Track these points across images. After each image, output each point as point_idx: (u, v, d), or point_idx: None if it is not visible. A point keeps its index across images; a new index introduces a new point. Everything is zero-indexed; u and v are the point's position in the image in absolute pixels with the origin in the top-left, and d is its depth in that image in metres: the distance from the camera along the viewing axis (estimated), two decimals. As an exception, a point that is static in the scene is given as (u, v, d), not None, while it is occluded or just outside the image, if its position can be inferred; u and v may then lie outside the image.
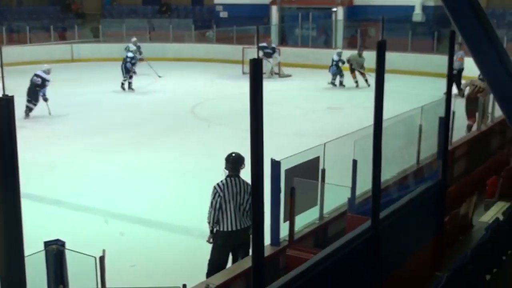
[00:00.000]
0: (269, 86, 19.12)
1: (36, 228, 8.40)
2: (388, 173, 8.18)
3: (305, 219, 6.91)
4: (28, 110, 16.00)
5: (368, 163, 5.40)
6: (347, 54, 22.22)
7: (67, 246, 4.37)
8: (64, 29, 31.01)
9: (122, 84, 20.59)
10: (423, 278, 6.40)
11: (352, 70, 21.39)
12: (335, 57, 21.43)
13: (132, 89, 20.60)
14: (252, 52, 24.15)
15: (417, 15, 27.21)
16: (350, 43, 27.72)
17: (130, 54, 20.86)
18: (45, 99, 16.26)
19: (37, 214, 9.39)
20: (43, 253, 4.27)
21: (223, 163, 6.95)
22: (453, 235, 7.46)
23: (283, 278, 4.14)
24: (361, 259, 5.15)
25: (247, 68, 23.93)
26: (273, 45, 24.17)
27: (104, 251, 4.28)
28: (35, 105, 16.17)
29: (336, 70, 21.40)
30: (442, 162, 6.74)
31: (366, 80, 20.67)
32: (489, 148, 11.91)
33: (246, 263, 5.95)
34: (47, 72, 16.44)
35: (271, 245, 6.28)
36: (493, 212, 8.54)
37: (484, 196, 9.02)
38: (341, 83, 21.50)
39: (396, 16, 25.15)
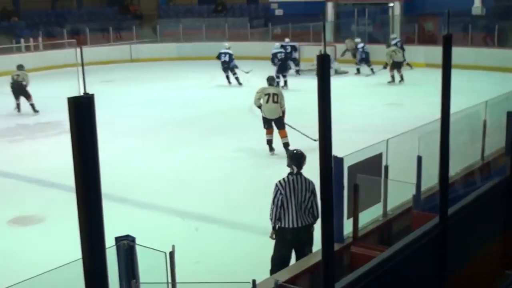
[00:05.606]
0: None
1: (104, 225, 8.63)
2: (452, 169, 8.05)
3: (368, 216, 6.85)
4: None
5: (432, 159, 5.31)
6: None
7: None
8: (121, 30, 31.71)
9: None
10: (491, 276, 6.27)
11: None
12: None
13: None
14: (309, 49, 24.11)
15: (477, 9, 26.62)
16: (407, 38, 27.39)
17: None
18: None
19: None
20: (114, 248, 4.34)
21: (282, 160, 6.94)
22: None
23: (353, 274, 4.13)
24: (429, 256, 5.08)
25: (303, 65, 23.94)
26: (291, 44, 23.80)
27: (173, 246, 4.33)
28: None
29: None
30: (511, 158, 6.57)
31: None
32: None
33: (311, 260, 5.95)
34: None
35: (335, 242, 6.24)
36: None
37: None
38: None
39: (455, 10, 24.69)
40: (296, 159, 6.80)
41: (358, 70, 23.47)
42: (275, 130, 12.40)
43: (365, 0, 29.62)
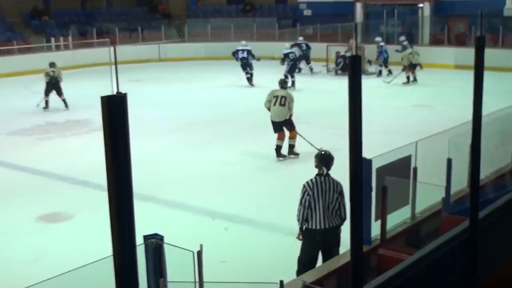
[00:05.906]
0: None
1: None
2: (482, 172, 7.95)
3: (396, 218, 6.80)
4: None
5: (462, 161, 5.24)
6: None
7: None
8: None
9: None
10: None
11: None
12: None
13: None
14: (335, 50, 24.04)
15: (509, 10, 26.25)
16: (435, 39, 27.19)
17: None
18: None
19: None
20: (143, 246, 4.36)
21: (310, 160, 6.92)
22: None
23: (381, 276, 4.10)
24: (458, 260, 5.02)
25: (331, 66, 23.87)
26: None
27: (201, 245, 4.34)
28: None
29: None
30: (542, 161, 6.47)
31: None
32: None
33: (338, 261, 5.93)
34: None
35: (363, 244, 6.20)
36: None
37: None
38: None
39: (486, 11, 24.42)
40: (325, 160, 6.77)
41: (380, 72, 23.18)
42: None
43: (394, 0, 29.40)
